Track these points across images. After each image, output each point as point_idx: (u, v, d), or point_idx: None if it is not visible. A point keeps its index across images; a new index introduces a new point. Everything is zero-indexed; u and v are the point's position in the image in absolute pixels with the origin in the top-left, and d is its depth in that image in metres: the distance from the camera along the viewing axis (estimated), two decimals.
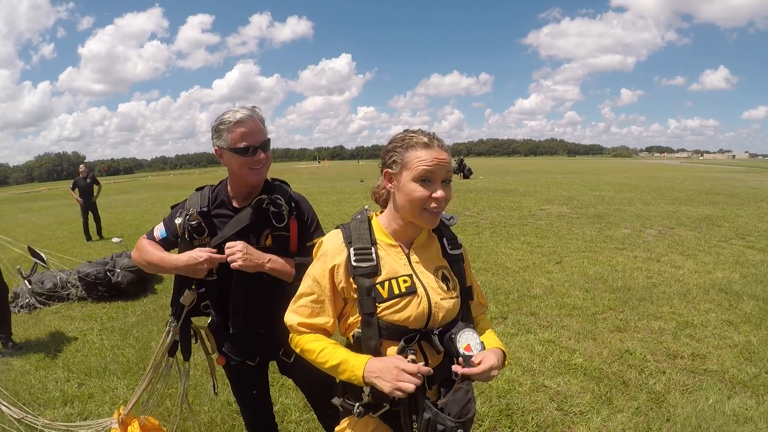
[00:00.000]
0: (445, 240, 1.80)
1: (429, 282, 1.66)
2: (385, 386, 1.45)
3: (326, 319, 1.69)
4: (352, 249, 1.64)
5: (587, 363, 4.49)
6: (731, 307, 6.03)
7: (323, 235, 2.18)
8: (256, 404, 2.48)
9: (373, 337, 1.59)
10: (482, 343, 1.61)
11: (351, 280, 1.62)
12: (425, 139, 1.61)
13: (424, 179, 1.58)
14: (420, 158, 1.58)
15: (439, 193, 1.58)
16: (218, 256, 2.06)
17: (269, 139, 2.13)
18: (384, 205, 1.80)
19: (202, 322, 2.44)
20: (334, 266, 1.65)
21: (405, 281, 1.61)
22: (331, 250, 1.68)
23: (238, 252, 2.02)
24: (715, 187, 24.38)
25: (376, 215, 1.81)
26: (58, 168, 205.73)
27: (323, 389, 2.43)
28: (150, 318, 6.26)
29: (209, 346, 2.41)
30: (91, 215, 13.49)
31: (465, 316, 1.76)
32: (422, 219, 1.62)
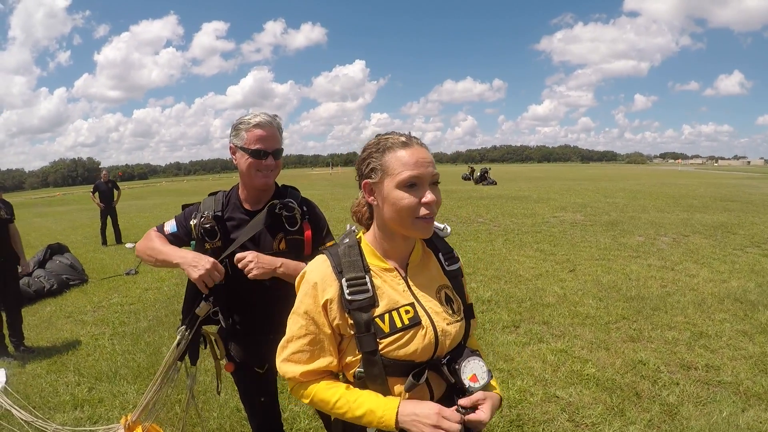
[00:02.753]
0: (441, 255, 1.64)
1: (432, 307, 1.50)
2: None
3: (329, 360, 1.49)
4: (344, 280, 1.45)
5: (600, 373, 4.45)
6: (746, 317, 5.94)
7: (334, 238, 2.26)
8: (264, 411, 2.47)
9: (378, 376, 1.43)
10: (489, 371, 1.47)
11: (346, 315, 1.44)
12: (402, 139, 1.46)
13: (410, 184, 1.41)
14: (401, 160, 1.41)
15: (429, 197, 1.42)
16: (221, 272, 2.07)
17: (282, 149, 2.19)
18: (367, 224, 1.62)
19: (212, 329, 2.45)
20: (326, 301, 1.46)
21: (407, 311, 1.45)
22: (320, 281, 1.48)
23: (250, 262, 2.03)
24: (730, 193, 24.09)
25: (363, 234, 1.62)
26: (73, 173, 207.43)
27: None
28: (162, 323, 6.29)
29: (218, 352, 2.42)
30: (110, 220, 13.70)
31: (465, 338, 1.60)
32: (415, 229, 1.44)
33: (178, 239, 2.26)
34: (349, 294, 1.44)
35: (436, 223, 1.60)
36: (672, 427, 3.62)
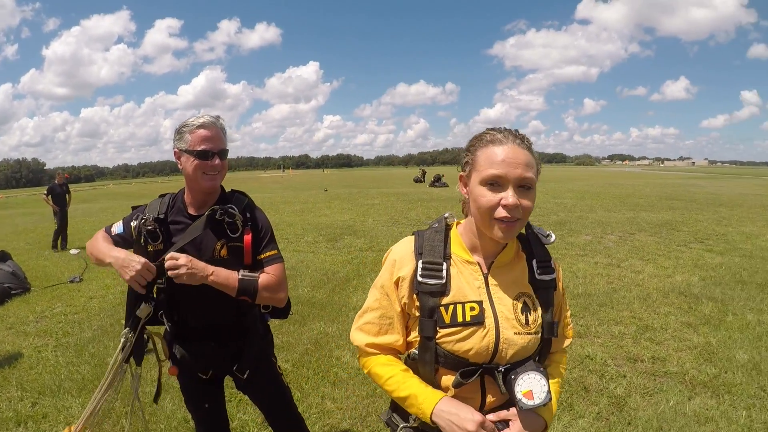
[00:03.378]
0: (535, 262, 1.56)
1: (504, 311, 1.47)
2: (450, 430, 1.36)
3: (396, 337, 1.55)
4: (420, 262, 1.49)
5: None
6: (690, 310, 6.24)
7: (276, 248, 2.29)
8: (209, 418, 2.46)
9: (429, 363, 1.47)
10: (549, 391, 1.40)
11: (414, 296, 1.49)
12: (500, 136, 1.43)
13: (492, 182, 1.38)
14: (490, 157, 1.39)
15: (509, 200, 1.36)
16: (152, 271, 2.06)
17: (227, 150, 2.21)
18: (467, 215, 1.61)
19: (159, 330, 2.43)
20: (399, 278, 1.52)
21: (472, 308, 1.44)
22: (399, 259, 1.54)
23: (181, 266, 2.02)
24: (675, 193, 25.27)
25: (457, 224, 1.62)
26: (17, 175, 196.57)
27: (280, 406, 2.48)
28: (106, 333, 6.08)
29: (160, 352, 2.40)
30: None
31: (542, 356, 1.56)
32: (492, 230, 1.41)
33: (124, 240, 2.26)
34: (421, 276, 1.47)
35: (541, 229, 1.60)
36: (620, 418, 3.74)
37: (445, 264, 1.48)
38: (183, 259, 2.03)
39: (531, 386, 1.38)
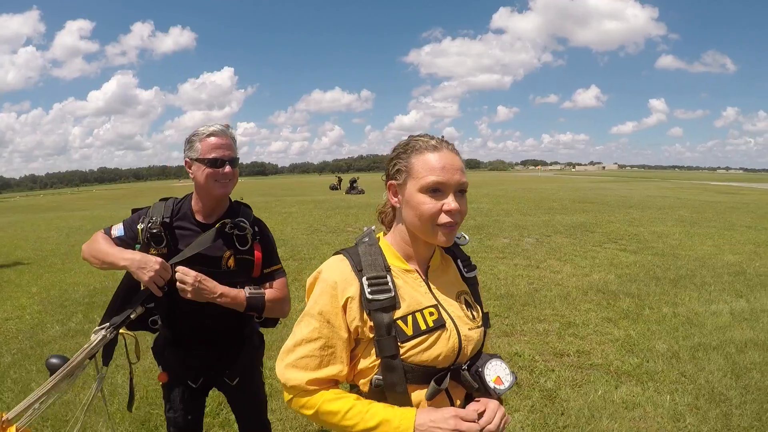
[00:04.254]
0: (460, 261, 1.66)
1: (455, 311, 1.51)
2: None
3: (339, 368, 1.45)
4: (364, 278, 1.43)
5: None
6: (609, 306, 6.70)
7: (280, 262, 2.41)
8: (188, 430, 2.49)
9: (399, 383, 1.40)
10: (513, 373, 1.48)
11: (366, 316, 1.42)
12: (433, 142, 1.46)
13: (433, 189, 1.41)
14: (428, 164, 1.42)
15: (451, 205, 1.40)
16: (168, 271, 2.11)
17: (238, 158, 2.32)
18: (390, 226, 1.63)
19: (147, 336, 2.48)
20: (347, 299, 1.43)
21: (431, 313, 1.44)
22: (340, 280, 1.45)
23: (189, 282, 2.08)
24: (587, 196, 26.86)
25: (383, 236, 1.64)
26: None
27: (258, 414, 2.63)
28: (28, 357, 5.62)
29: (132, 355, 2.37)
30: None
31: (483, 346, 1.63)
32: (434, 236, 1.44)
33: (124, 243, 2.28)
34: (370, 293, 1.41)
35: None
36: (553, 409, 3.96)
37: (388, 276, 1.46)
38: (192, 275, 2.09)
39: (497, 372, 1.44)
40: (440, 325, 1.44)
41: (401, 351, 1.39)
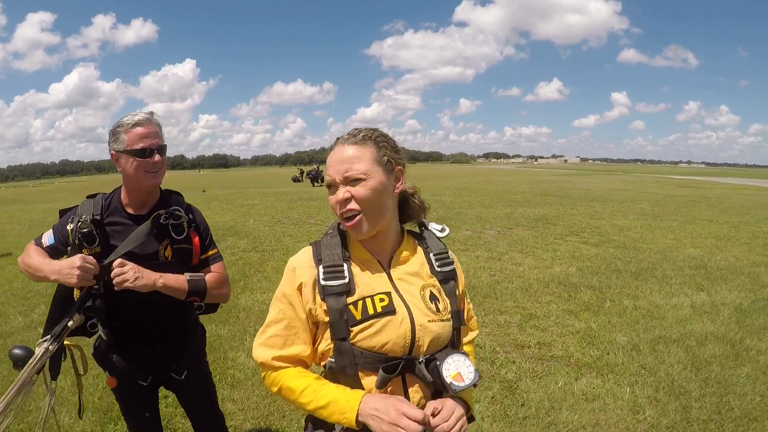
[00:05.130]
0: (432, 254, 1.65)
1: (413, 301, 1.53)
2: (380, 429, 1.34)
3: (303, 348, 1.55)
4: (321, 266, 1.53)
5: None
6: (570, 298, 6.80)
7: (216, 247, 2.44)
8: (149, 429, 2.50)
9: (349, 366, 1.46)
10: (477, 371, 1.47)
11: (321, 300, 1.50)
12: (335, 140, 1.58)
13: (328, 186, 1.54)
14: (327, 163, 1.55)
15: (332, 197, 1.52)
16: (92, 263, 2.03)
17: (166, 146, 2.26)
18: None
19: (76, 341, 2.38)
20: (301, 284, 1.53)
21: (382, 300, 1.49)
22: (298, 266, 1.57)
23: (128, 273, 2.03)
24: (549, 189, 27.22)
25: None
26: None
27: (208, 405, 2.63)
28: None
29: (80, 366, 2.35)
30: None
31: (454, 347, 1.59)
32: (347, 229, 1.55)
33: (57, 251, 2.24)
34: (323, 279, 1.51)
35: (434, 224, 1.72)
36: (513, 401, 3.99)
37: (345, 264, 1.53)
38: (129, 266, 2.04)
39: (458, 368, 1.44)
40: (389, 311, 1.47)
41: (351, 335, 1.46)
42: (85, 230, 2.13)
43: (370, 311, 1.47)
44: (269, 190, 28.98)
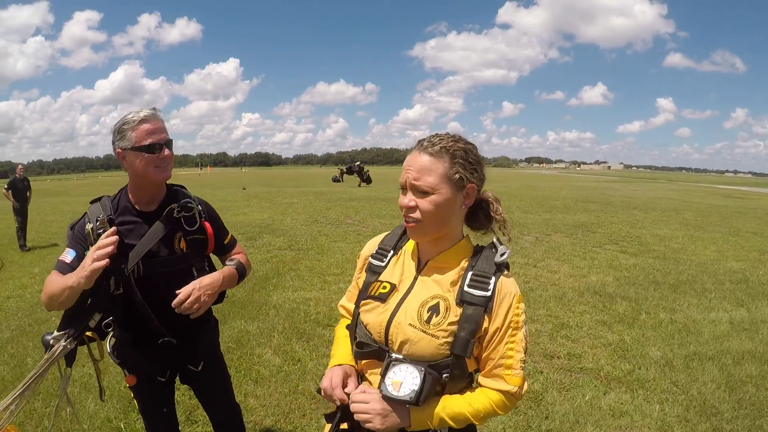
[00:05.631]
0: (470, 273, 1.53)
1: (412, 302, 1.55)
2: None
3: (352, 304, 1.80)
4: (377, 247, 1.77)
5: None
6: (605, 309, 6.63)
7: (228, 232, 2.53)
8: (166, 423, 2.51)
9: (351, 330, 1.72)
10: (420, 392, 1.41)
11: (364, 272, 1.76)
12: (415, 143, 1.60)
13: (401, 185, 1.57)
14: (405, 164, 1.59)
15: (400, 201, 1.56)
16: (102, 259, 1.95)
17: (172, 140, 2.24)
18: None
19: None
20: (363, 255, 1.81)
21: (384, 287, 1.64)
22: (370, 243, 1.83)
23: (195, 296, 2.10)
24: (591, 195, 26.77)
25: None
26: None
27: (224, 395, 2.65)
28: (25, 333, 5.92)
29: (96, 353, 2.36)
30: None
31: (454, 376, 1.49)
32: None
33: (81, 259, 2.12)
34: (371, 257, 1.75)
35: (501, 246, 1.59)
36: (538, 412, 3.91)
37: (391, 252, 1.73)
38: (196, 290, 2.11)
39: (403, 378, 1.44)
40: (381, 298, 1.61)
41: (360, 304, 1.67)
42: (101, 231, 2.12)
43: (373, 292, 1.64)
44: (309, 189, 29.24)
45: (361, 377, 1.67)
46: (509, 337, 1.49)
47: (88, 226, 2.16)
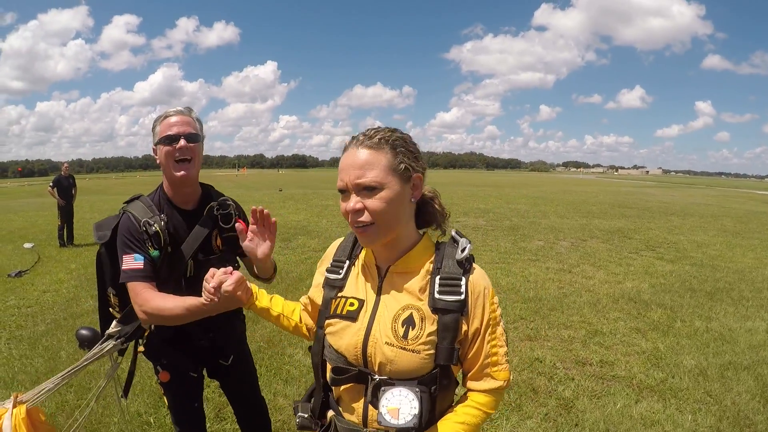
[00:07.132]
0: (438, 278, 1.43)
1: (384, 317, 1.43)
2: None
3: (306, 301, 1.78)
4: (333, 258, 1.64)
5: None
6: (639, 316, 6.51)
7: None
8: (195, 418, 2.50)
9: (317, 354, 1.57)
10: (420, 417, 1.32)
11: (322, 287, 1.62)
12: (346, 142, 1.46)
13: (340, 190, 1.42)
14: (340, 167, 1.42)
15: (343, 205, 1.41)
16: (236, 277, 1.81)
17: (197, 134, 2.19)
18: None
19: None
20: (320, 266, 1.70)
21: (352, 304, 1.48)
22: (327, 253, 1.72)
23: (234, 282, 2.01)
24: (628, 201, 26.30)
25: None
26: None
27: (251, 388, 2.68)
28: (60, 327, 6.12)
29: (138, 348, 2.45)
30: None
31: (442, 386, 1.41)
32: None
33: (152, 263, 2.10)
34: (327, 271, 1.61)
35: (463, 240, 1.49)
36: (567, 419, 3.86)
37: (347, 262, 1.59)
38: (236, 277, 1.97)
39: (399, 404, 1.33)
40: (351, 317, 1.47)
41: (325, 325, 1.54)
42: (169, 231, 2.14)
43: (339, 311, 1.49)
44: None
45: (337, 403, 1.55)
46: (490, 335, 1.45)
47: (155, 228, 2.08)
